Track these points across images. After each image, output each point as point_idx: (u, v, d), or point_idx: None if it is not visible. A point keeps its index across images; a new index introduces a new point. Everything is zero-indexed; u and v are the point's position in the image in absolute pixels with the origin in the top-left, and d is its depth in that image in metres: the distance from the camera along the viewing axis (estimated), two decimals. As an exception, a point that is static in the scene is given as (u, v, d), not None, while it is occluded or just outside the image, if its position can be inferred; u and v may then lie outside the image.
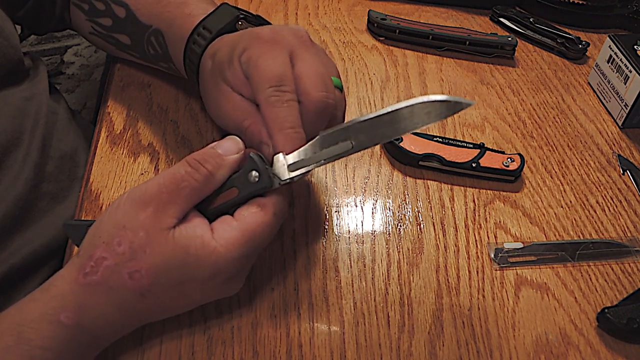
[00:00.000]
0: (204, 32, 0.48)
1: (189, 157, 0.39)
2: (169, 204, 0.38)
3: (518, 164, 0.56)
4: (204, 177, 0.39)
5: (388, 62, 0.70)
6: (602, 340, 0.46)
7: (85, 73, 1.38)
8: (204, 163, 0.39)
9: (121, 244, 0.37)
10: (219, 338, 0.44)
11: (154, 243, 0.37)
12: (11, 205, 0.49)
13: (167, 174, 0.39)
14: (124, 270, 0.37)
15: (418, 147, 0.56)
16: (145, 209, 0.37)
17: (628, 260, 0.52)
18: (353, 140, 0.39)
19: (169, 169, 0.39)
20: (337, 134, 0.39)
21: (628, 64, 0.63)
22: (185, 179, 0.38)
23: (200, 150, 0.40)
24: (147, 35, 0.54)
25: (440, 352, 0.44)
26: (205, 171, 0.39)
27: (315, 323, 0.45)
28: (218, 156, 0.40)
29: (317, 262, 0.49)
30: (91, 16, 0.57)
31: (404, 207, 0.54)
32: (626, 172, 0.60)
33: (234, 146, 0.40)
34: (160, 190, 0.38)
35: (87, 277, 0.37)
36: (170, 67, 0.55)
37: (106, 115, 0.59)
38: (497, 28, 0.77)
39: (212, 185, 0.39)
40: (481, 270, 0.50)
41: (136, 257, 0.37)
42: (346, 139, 0.39)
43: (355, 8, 0.78)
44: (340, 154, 0.39)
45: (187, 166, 0.39)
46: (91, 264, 0.37)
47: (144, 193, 0.38)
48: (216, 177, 0.39)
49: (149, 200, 0.38)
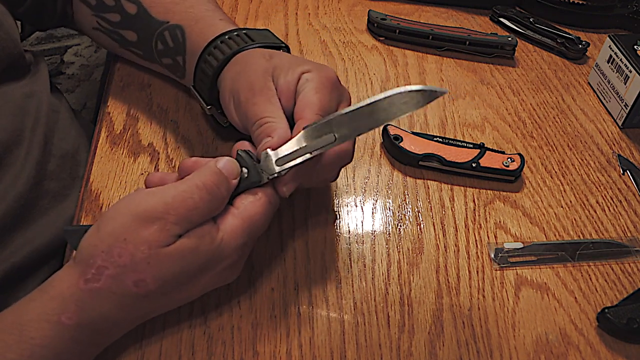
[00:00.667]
0: (243, 36, 0.50)
1: (203, 180, 0.38)
2: (175, 225, 0.37)
3: (518, 164, 0.56)
4: (219, 204, 0.39)
5: (388, 62, 0.70)
6: (602, 340, 0.46)
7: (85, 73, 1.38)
8: (220, 187, 0.39)
9: (122, 255, 0.37)
10: (219, 338, 0.44)
11: (159, 256, 0.37)
12: (12, 203, 0.49)
13: (177, 195, 0.37)
14: (127, 280, 0.37)
15: (418, 147, 0.57)
16: (148, 227, 0.37)
17: (628, 260, 0.52)
18: (336, 132, 0.40)
19: (178, 187, 0.38)
20: (320, 128, 0.40)
21: (628, 64, 0.63)
22: (199, 207, 0.38)
23: (208, 171, 0.39)
24: (160, 30, 0.54)
25: (440, 352, 0.44)
26: (221, 197, 0.39)
27: (315, 323, 0.45)
28: (227, 179, 0.40)
29: (317, 262, 0.49)
30: (98, 11, 0.58)
31: (404, 207, 0.54)
32: (626, 172, 0.60)
33: (235, 168, 0.40)
34: (167, 211, 0.37)
35: (88, 283, 0.37)
36: (171, 64, 0.55)
37: (106, 115, 0.59)
38: (497, 28, 0.77)
39: (219, 210, 0.39)
40: (481, 270, 0.50)
41: (138, 268, 0.37)
42: (329, 132, 0.40)
43: (355, 8, 0.78)
44: (324, 147, 0.40)
45: (204, 192, 0.38)
46: (92, 271, 0.37)
47: (149, 210, 0.37)
48: (225, 201, 0.40)
49: (154, 219, 0.37)
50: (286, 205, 0.52)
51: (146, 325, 0.43)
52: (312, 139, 0.40)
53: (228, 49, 0.49)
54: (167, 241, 0.37)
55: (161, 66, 0.57)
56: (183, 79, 0.55)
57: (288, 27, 0.73)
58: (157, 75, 0.62)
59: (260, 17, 0.74)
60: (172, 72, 0.56)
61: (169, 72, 0.57)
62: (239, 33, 0.50)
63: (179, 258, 0.37)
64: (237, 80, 0.46)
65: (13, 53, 0.54)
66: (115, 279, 0.37)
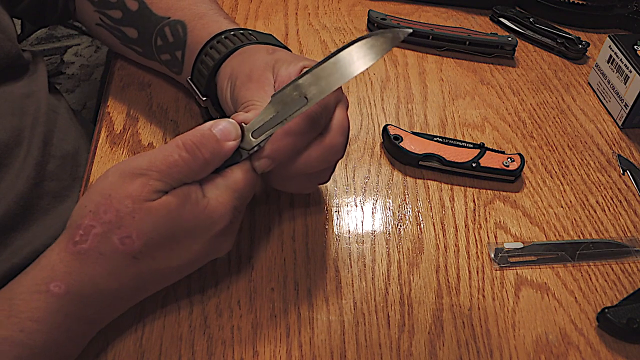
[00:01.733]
0: (248, 35, 0.50)
1: (184, 139, 0.38)
2: (158, 181, 0.37)
3: (518, 164, 0.56)
4: (199, 165, 0.38)
5: (388, 62, 0.70)
6: (602, 340, 0.46)
7: (85, 73, 1.38)
8: (202, 148, 0.38)
9: (107, 212, 0.36)
10: (219, 338, 0.44)
11: (143, 209, 0.36)
12: (12, 204, 0.49)
13: (159, 154, 0.38)
14: (114, 237, 0.36)
15: (418, 147, 0.57)
16: (132, 181, 0.37)
17: (628, 260, 0.52)
18: (306, 94, 0.39)
19: (161, 148, 0.38)
20: (289, 92, 0.39)
21: (628, 64, 0.63)
22: (179, 165, 0.37)
23: (197, 130, 0.39)
24: (161, 26, 0.54)
25: (440, 352, 0.44)
26: (202, 158, 0.38)
27: (315, 323, 0.45)
28: (216, 142, 0.39)
29: (317, 262, 0.49)
30: (101, 7, 0.58)
31: (404, 207, 0.54)
32: (626, 172, 0.60)
33: (233, 131, 0.39)
34: (150, 167, 0.37)
35: (76, 245, 0.36)
36: (169, 60, 0.55)
37: (106, 115, 0.59)
38: (497, 28, 0.77)
39: (205, 173, 0.39)
40: (481, 270, 0.50)
41: (124, 224, 0.36)
42: (299, 95, 0.39)
43: (355, 8, 0.78)
44: (297, 110, 0.39)
45: (183, 151, 0.38)
46: (80, 232, 0.37)
47: (133, 166, 0.37)
48: (211, 166, 0.39)
49: (137, 174, 0.37)
50: (286, 205, 0.52)
51: (146, 324, 0.43)
52: (284, 105, 0.39)
53: (232, 44, 0.49)
54: (151, 196, 0.37)
55: (159, 63, 0.57)
56: (180, 75, 0.56)
57: (288, 27, 0.73)
58: (157, 75, 0.62)
59: (260, 17, 0.74)
60: (170, 68, 0.57)
61: (166, 69, 0.57)
62: (244, 32, 0.51)
63: (164, 214, 0.37)
64: (237, 67, 0.46)
65: (11, 52, 0.54)
66: (102, 237, 0.36)
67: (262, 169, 0.40)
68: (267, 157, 0.40)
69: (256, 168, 0.40)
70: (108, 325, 0.42)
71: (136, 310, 0.44)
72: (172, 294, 0.45)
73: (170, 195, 0.37)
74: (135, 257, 0.37)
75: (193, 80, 0.52)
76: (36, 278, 0.36)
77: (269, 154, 0.40)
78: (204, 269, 0.47)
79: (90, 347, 0.41)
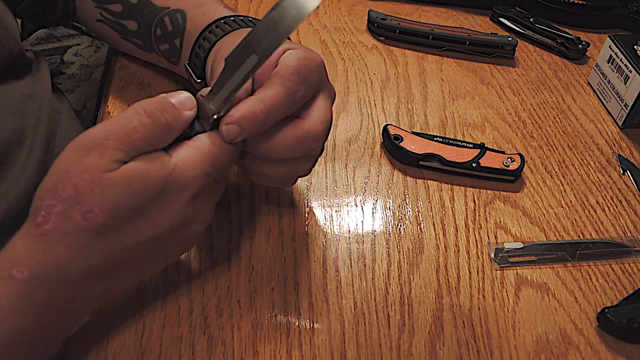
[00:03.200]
0: (246, 20, 0.51)
1: (142, 105, 0.36)
2: (116, 150, 0.35)
3: (518, 164, 0.56)
4: (162, 129, 0.36)
5: (388, 62, 0.70)
6: (602, 340, 0.46)
7: (85, 73, 1.38)
8: (163, 113, 0.36)
9: (65, 188, 0.35)
10: (219, 338, 0.44)
11: (102, 182, 0.35)
12: (14, 203, 0.49)
13: (116, 123, 0.35)
14: (75, 213, 0.35)
15: (418, 147, 0.57)
16: (88, 154, 0.35)
17: (628, 260, 0.52)
18: (257, 51, 0.38)
19: (119, 116, 0.36)
20: (240, 52, 0.38)
21: (628, 64, 0.63)
22: (139, 131, 0.36)
23: (153, 98, 0.37)
24: (161, 16, 0.55)
25: (440, 352, 0.44)
26: (164, 122, 0.36)
27: (315, 323, 0.45)
28: (176, 108, 0.37)
29: (317, 262, 0.49)
30: (101, 3, 0.58)
31: (404, 207, 0.54)
32: (626, 172, 0.60)
33: (189, 101, 0.38)
34: (106, 137, 0.35)
35: (39, 227, 0.35)
36: (168, 50, 0.55)
37: (106, 115, 0.59)
38: (497, 28, 0.77)
39: (168, 140, 0.37)
40: (481, 270, 0.50)
41: (84, 198, 0.35)
42: (250, 53, 0.38)
43: (355, 8, 0.78)
44: (252, 69, 0.38)
45: (144, 116, 0.36)
46: (42, 213, 0.35)
47: (89, 138, 0.36)
48: (173, 133, 0.37)
49: (93, 146, 0.35)
50: (286, 205, 0.52)
51: (146, 324, 0.43)
52: (237, 67, 0.38)
53: (230, 28, 0.49)
54: (109, 167, 0.35)
55: (158, 55, 0.58)
56: (177, 66, 0.56)
57: (288, 27, 0.73)
58: (157, 74, 0.62)
59: (260, 17, 0.74)
60: (168, 59, 0.57)
61: (165, 61, 0.57)
62: (244, 18, 0.51)
63: (126, 183, 0.35)
64: (223, 46, 0.47)
65: (14, 51, 0.54)
66: (63, 215, 0.35)
67: (231, 136, 0.38)
68: (236, 124, 0.38)
69: (224, 134, 0.38)
70: (108, 325, 0.42)
71: (136, 310, 0.44)
72: (172, 294, 0.45)
73: (132, 162, 0.35)
74: (99, 231, 0.35)
75: (190, 65, 0.52)
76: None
77: (237, 120, 0.38)
78: (204, 269, 0.47)
79: (90, 346, 0.41)
